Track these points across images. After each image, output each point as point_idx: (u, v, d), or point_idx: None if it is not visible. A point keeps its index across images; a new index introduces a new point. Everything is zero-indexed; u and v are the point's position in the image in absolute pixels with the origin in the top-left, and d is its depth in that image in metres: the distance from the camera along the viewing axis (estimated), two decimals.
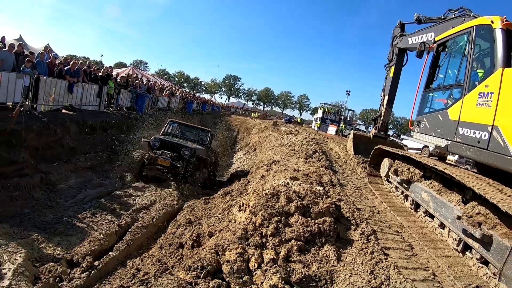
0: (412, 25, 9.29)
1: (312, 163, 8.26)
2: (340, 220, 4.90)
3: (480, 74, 5.30)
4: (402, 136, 21.92)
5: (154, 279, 4.49)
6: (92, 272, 5.12)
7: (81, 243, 6.09)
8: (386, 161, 6.98)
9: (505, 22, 5.02)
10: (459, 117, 5.38)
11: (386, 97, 9.72)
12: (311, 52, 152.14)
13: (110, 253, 5.83)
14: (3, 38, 13.58)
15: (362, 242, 4.34)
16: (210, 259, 3.79)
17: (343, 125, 19.05)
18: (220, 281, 3.52)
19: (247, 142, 20.63)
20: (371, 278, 3.58)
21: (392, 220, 5.47)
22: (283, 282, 3.39)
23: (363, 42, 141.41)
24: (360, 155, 9.75)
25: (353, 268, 3.81)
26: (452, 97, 5.82)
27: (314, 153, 9.46)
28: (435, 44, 6.63)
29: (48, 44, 19.88)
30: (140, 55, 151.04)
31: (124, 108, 17.33)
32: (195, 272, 3.62)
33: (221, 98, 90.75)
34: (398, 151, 6.59)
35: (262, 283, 3.45)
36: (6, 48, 10.41)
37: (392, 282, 3.54)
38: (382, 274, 3.66)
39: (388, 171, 6.81)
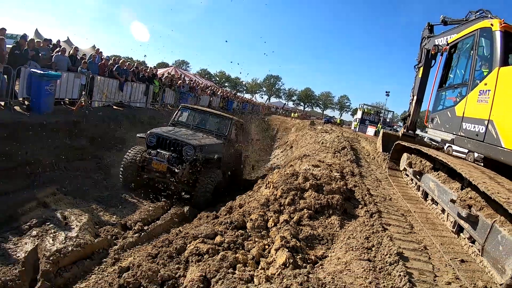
0: (439, 26, 9.48)
1: (339, 157, 8.96)
2: (350, 200, 5.67)
3: (482, 74, 5.83)
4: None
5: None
6: (142, 234, 6.24)
7: (133, 213, 7.29)
8: (404, 156, 7.55)
9: (503, 25, 5.56)
10: (463, 113, 5.94)
11: (415, 97, 10.01)
12: (352, 52, 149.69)
13: (157, 221, 6.98)
14: (58, 41, 15.53)
15: (366, 218, 5.09)
16: (237, 217, 4.78)
17: (380, 126, 19.20)
18: (243, 231, 4.47)
19: (285, 140, 21.42)
20: (365, 241, 4.34)
21: (401, 206, 6.11)
22: (292, 236, 4.26)
23: (406, 42, 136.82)
24: (388, 153, 10.16)
25: (352, 234, 4.59)
26: (459, 95, 6.38)
27: (343, 149, 10.09)
28: (447, 46, 7.15)
29: (94, 45, 22.01)
30: (182, 55, 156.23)
31: (168, 105, 18.86)
32: (225, 225, 4.62)
33: (262, 98, 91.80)
34: (411, 145, 7.17)
35: (275, 236, 4.34)
36: (59, 52, 11.98)
37: (382, 247, 4.26)
38: (375, 240, 4.40)
39: (405, 165, 7.41)
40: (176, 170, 7.70)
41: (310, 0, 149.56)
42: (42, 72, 9.77)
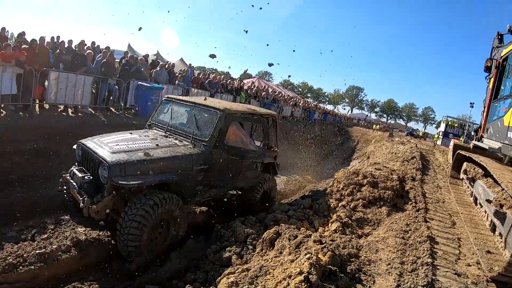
0: (508, 36, 9.06)
1: (406, 165, 9.93)
2: (403, 198, 6.90)
3: None
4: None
5: None
6: None
7: None
8: (464, 165, 8.29)
9: None
10: (509, 122, 6.57)
11: (486, 109, 10.33)
12: (438, 61, 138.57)
13: None
14: (157, 54, 17.84)
15: (412, 211, 6.30)
16: (307, 202, 6.41)
17: (463, 139, 18.64)
18: (311, 211, 6.10)
19: (364, 152, 22.15)
20: (404, 226, 5.62)
21: (451, 209, 7.07)
22: (346, 216, 5.72)
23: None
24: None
25: (395, 221, 5.88)
26: (508, 105, 6.88)
27: (412, 158, 10.86)
28: (500, 59, 7.67)
29: (182, 58, 24.78)
30: (263, 66, 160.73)
31: None
32: (295, 206, 6.29)
33: (344, 109, 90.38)
34: (466, 153, 7.92)
35: (334, 214, 5.85)
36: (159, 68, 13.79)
37: (418, 232, 5.48)
38: (413, 227, 5.64)
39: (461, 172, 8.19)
40: (80, 203, 4.80)
41: (394, 8, 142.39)
42: (148, 85, 11.84)
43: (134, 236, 4.58)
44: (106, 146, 5.13)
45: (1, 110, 8.13)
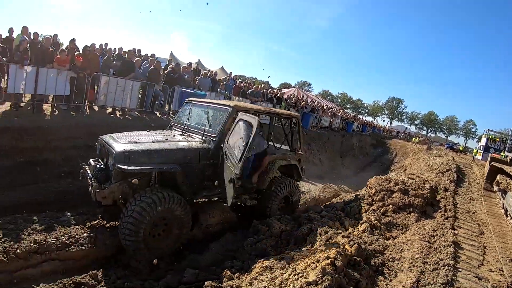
0: None
1: (440, 177, 10.11)
2: (433, 206, 7.22)
3: None
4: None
5: None
6: None
7: None
8: (498, 177, 8.42)
9: None
10: None
11: None
12: (482, 73, 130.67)
13: None
14: (198, 62, 18.47)
15: (440, 219, 6.63)
16: (339, 203, 6.91)
17: (503, 154, 17.96)
18: (343, 213, 6.59)
19: (401, 164, 22.04)
20: (431, 231, 5.98)
21: (481, 219, 7.29)
22: (375, 219, 6.16)
23: None
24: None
25: (423, 226, 6.25)
26: None
27: (448, 171, 11.00)
28: None
29: (223, 66, 25.54)
30: (304, 76, 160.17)
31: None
32: (328, 208, 6.81)
33: (383, 121, 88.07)
34: (498, 165, 8.07)
35: (364, 217, 6.31)
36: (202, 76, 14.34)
37: (444, 238, 5.83)
38: (440, 232, 5.99)
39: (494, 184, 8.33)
40: (89, 188, 5.22)
41: (436, 18, 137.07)
42: (192, 91, 12.07)
43: (130, 231, 4.70)
44: (120, 139, 5.36)
45: (55, 110, 9.14)
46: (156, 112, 12.11)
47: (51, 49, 9.30)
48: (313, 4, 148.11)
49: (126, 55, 11.86)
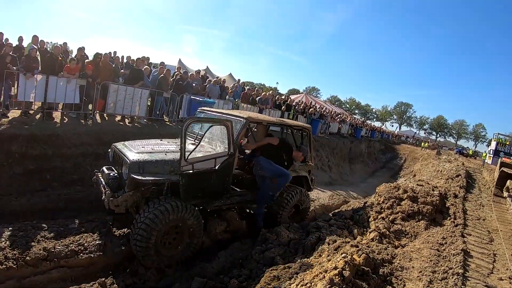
0: None
1: (450, 183, 10.03)
2: (442, 214, 7.14)
3: None
4: None
5: None
6: None
7: None
8: (508, 182, 8.32)
9: None
10: None
11: None
12: (491, 76, 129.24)
13: None
14: (206, 69, 18.56)
15: (450, 226, 6.57)
16: (347, 211, 6.88)
17: None
18: (351, 222, 6.56)
19: (410, 170, 21.88)
20: (440, 240, 5.92)
21: (491, 226, 7.20)
22: (384, 228, 6.13)
23: None
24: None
25: (432, 234, 6.19)
26: None
27: (457, 176, 10.90)
28: None
29: (231, 73, 25.60)
30: (312, 82, 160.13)
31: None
32: (337, 216, 6.78)
33: (392, 126, 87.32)
34: (508, 170, 7.97)
35: (372, 225, 6.27)
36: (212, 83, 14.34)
37: (453, 246, 5.77)
38: (449, 240, 5.93)
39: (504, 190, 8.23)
40: (103, 196, 5.29)
41: (443, 22, 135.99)
42: (201, 99, 12.31)
43: (142, 236, 4.78)
44: (134, 148, 5.43)
45: (64, 117, 9.26)
46: (165, 120, 12.16)
47: (60, 57, 9.42)
48: (320, 10, 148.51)
49: (135, 64, 11.95)
